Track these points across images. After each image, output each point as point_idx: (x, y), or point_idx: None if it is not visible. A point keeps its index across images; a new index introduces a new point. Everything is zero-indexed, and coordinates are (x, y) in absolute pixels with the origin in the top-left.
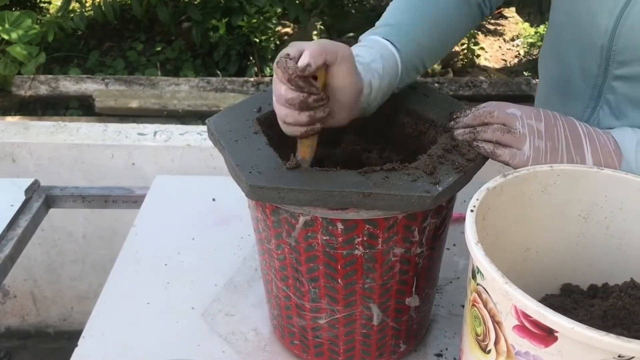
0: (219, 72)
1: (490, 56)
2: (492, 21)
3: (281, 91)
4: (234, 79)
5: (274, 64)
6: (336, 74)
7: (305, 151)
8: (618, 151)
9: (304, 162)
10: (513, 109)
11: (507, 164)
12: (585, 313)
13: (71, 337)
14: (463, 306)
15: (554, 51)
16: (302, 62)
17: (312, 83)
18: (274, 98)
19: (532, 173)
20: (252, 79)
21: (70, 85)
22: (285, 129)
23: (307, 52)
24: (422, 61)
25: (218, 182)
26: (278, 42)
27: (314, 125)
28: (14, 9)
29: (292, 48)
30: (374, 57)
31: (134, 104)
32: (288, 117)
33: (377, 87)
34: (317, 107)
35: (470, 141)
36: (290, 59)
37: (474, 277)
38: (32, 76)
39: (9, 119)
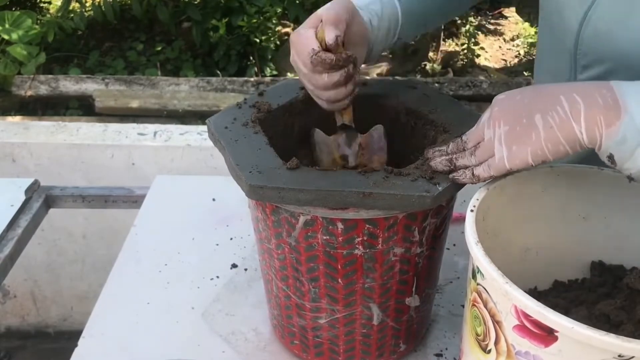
0: (219, 72)
1: (490, 56)
2: (492, 21)
3: (324, 79)
4: (234, 79)
5: (310, 61)
6: (351, 30)
7: (350, 114)
8: (617, 105)
9: (351, 123)
10: (484, 116)
11: (490, 178)
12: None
13: (71, 337)
14: (463, 306)
15: (537, 57)
16: (330, 38)
17: (348, 55)
18: (311, 89)
19: (532, 173)
20: (252, 79)
21: (70, 85)
22: (332, 106)
23: (329, 26)
24: (425, 18)
25: (218, 182)
26: (278, 42)
27: (354, 89)
28: (14, 9)
29: (306, 32)
30: (371, 0)
31: (134, 104)
32: (337, 95)
33: (377, 28)
34: (356, 71)
35: (448, 172)
36: (318, 53)
37: (474, 277)
38: (32, 76)
39: (9, 119)
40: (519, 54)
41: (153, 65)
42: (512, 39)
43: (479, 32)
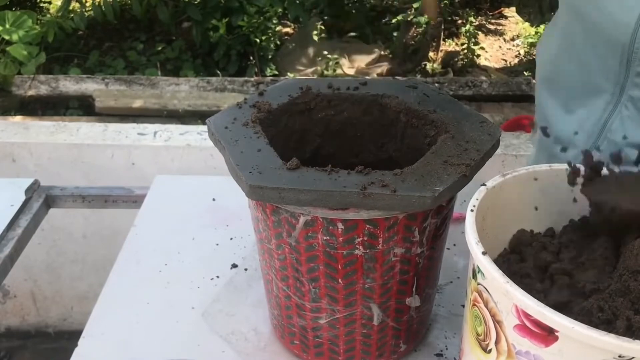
0: (219, 72)
1: (491, 56)
2: (493, 21)
3: None
4: (234, 78)
5: None
6: None
7: None
8: None
9: None
10: None
11: None
12: None
13: (71, 337)
14: (463, 306)
15: (570, 55)
16: None
17: None
18: None
19: (531, 172)
20: (252, 79)
21: (70, 85)
22: None
23: None
24: None
25: (218, 182)
26: (278, 42)
27: None
28: (14, 8)
29: None
30: None
31: (134, 103)
32: None
33: None
34: None
35: None
36: None
37: (474, 276)
38: (32, 76)
39: (9, 119)
40: (519, 54)
41: (153, 65)
42: (512, 39)
43: (479, 32)
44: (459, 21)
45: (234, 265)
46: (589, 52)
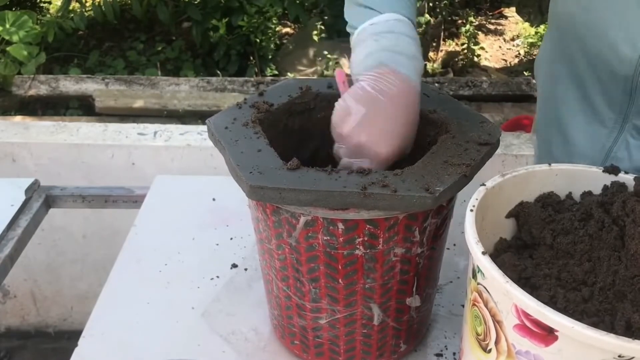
0: (219, 72)
1: (491, 56)
2: (493, 21)
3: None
4: (234, 78)
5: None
6: None
7: None
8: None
9: None
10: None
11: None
12: None
13: (71, 337)
14: (463, 306)
15: (573, 80)
16: None
17: None
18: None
19: (531, 172)
20: (252, 79)
21: (70, 85)
22: None
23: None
24: None
25: (218, 182)
26: (278, 42)
27: None
28: (14, 8)
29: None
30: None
31: (134, 103)
32: None
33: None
34: None
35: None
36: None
37: (474, 276)
38: (32, 76)
39: (9, 119)
40: (519, 53)
41: (153, 65)
42: (512, 39)
43: (479, 32)
44: (459, 21)
45: (234, 265)
46: (591, 76)
